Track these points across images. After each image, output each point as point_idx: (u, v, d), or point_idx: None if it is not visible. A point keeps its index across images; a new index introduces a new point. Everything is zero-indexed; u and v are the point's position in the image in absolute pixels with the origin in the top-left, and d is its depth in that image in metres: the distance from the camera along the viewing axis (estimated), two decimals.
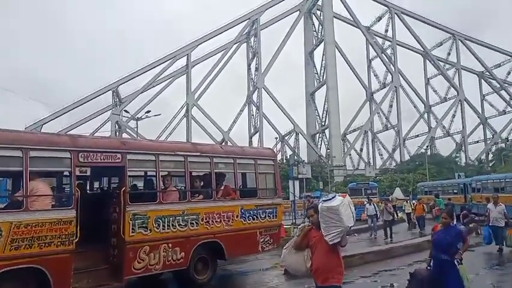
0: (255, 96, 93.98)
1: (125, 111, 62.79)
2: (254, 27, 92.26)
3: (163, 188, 8.35)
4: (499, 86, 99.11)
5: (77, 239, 6.76)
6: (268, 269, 11.69)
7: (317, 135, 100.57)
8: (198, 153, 8.93)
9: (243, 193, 9.76)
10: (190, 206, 8.44)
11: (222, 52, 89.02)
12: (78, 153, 7.11)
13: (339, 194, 5.00)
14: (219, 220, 8.83)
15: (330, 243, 4.60)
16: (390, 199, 36.90)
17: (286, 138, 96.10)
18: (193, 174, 9.13)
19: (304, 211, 32.88)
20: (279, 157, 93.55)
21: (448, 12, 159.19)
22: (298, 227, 4.96)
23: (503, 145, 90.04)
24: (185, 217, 8.29)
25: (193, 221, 8.42)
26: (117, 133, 73.63)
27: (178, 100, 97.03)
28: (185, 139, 75.74)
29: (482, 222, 19.55)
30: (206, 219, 8.62)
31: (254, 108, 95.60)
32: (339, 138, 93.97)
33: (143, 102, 79.91)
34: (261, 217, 9.70)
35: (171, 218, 8.06)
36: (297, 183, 44.86)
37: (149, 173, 9.17)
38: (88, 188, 9.72)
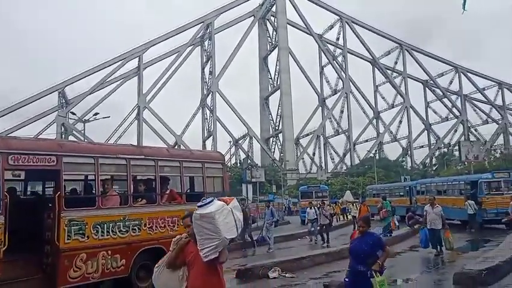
0: (208, 100, 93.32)
1: (72, 113, 60.26)
2: (208, 30, 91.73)
3: (102, 192, 7.91)
4: (442, 94, 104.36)
5: (5, 247, 6.31)
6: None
7: (271, 139, 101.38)
8: (142, 156, 8.65)
9: (190, 197, 9.52)
10: (132, 211, 8.11)
11: (176, 55, 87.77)
12: (8, 155, 6.65)
13: (225, 197, 4.20)
14: (163, 225, 8.54)
15: (205, 259, 3.72)
16: (338, 202, 37.79)
17: (240, 142, 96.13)
18: (136, 178, 8.79)
19: (260, 214, 32.97)
20: (233, 161, 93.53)
21: (395, 23, 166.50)
22: (173, 239, 4.20)
23: (445, 150, 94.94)
24: (126, 223, 7.94)
25: (135, 227, 8.08)
26: (63, 136, 70.44)
27: (129, 103, 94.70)
28: (137, 142, 73.68)
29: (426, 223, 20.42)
30: (149, 224, 8.31)
31: (208, 112, 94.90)
32: (292, 142, 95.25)
33: (91, 104, 77.35)
34: None
35: (111, 224, 7.70)
36: (250, 186, 44.99)
37: (89, 177, 8.70)
38: (21, 192, 9.08)
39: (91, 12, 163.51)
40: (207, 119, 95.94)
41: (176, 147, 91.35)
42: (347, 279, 5.51)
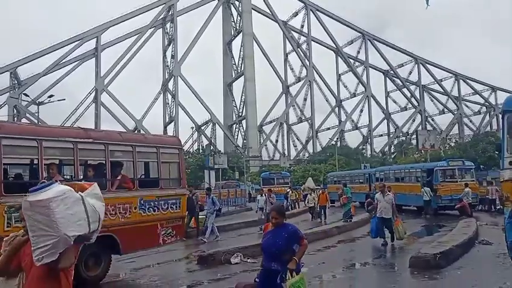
0: (170, 85, 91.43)
1: (25, 94, 57.35)
2: (170, 12, 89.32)
3: (46, 177, 7.30)
4: (401, 84, 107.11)
5: None
6: (182, 259, 11.53)
7: (234, 125, 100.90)
8: (90, 140, 8.07)
9: (144, 183, 9.24)
10: None
11: (136, 36, 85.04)
12: None
13: (82, 183, 3.29)
14: (113, 212, 8.10)
15: (37, 263, 2.75)
16: (298, 189, 38.01)
17: (202, 128, 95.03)
18: (85, 162, 8.33)
19: (220, 201, 32.67)
20: (195, 147, 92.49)
21: (358, 12, 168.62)
22: (5, 238, 3.29)
23: (403, 138, 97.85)
24: None
25: None
26: (15, 118, 67.02)
27: (86, 85, 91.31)
28: (94, 127, 71.25)
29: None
30: None
31: (170, 97, 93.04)
32: (256, 129, 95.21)
33: (46, 86, 73.82)
34: (162, 208, 9.19)
35: None
36: (213, 173, 44.47)
37: (34, 161, 8.10)
38: None
39: None
40: (168, 104, 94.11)
41: (136, 132, 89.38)
42: (257, 280, 4.67)
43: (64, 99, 42.99)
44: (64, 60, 79.86)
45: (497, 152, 7.49)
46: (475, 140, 64.14)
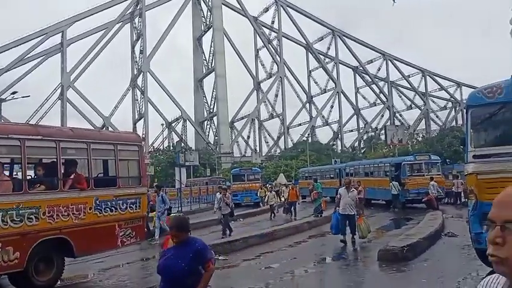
0: (139, 80, 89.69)
1: None
2: (139, 7, 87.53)
3: None
4: (370, 80, 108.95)
5: None
6: (152, 259, 11.28)
7: (205, 122, 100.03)
8: (39, 137, 7.56)
9: (100, 182, 8.84)
10: (27, 198, 7.07)
11: (103, 31, 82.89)
12: None
13: None
14: (66, 213, 7.62)
15: None
16: (267, 185, 37.89)
17: (173, 125, 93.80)
18: (34, 160, 7.88)
19: (191, 198, 32.13)
20: (165, 144, 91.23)
21: (328, 8, 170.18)
22: None
23: (373, 134, 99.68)
24: (20, 211, 6.89)
25: (32, 216, 7.06)
26: None
27: (51, 81, 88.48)
28: (60, 124, 69.05)
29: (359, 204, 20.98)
30: (49, 212, 7.34)
31: (139, 93, 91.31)
32: (227, 125, 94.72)
33: (8, 82, 70.98)
34: (121, 208, 8.79)
35: (1, 213, 6.63)
36: (184, 170, 43.81)
37: None
38: None
39: None
40: (137, 100, 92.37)
41: (104, 129, 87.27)
42: None
43: (28, 96, 41.35)
44: (28, 56, 77.20)
45: (462, 146, 7.67)
46: (441, 134, 65.82)
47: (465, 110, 6.97)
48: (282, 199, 25.01)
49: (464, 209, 16.31)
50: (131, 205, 9.03)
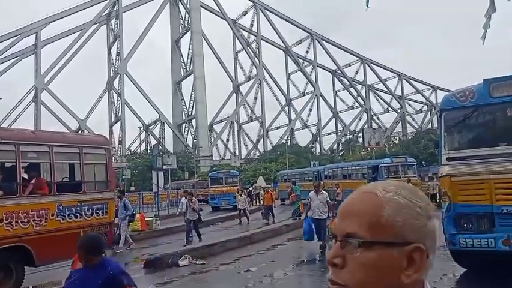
0: (116, 83, 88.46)
1: None
2: (115, 8, 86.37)
3: None
4: (348, 83, 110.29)
5: None
6: (128, 263, 11.07)
7: (184, 125, 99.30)
8: None
9: (63, 187, 8.43)
10: None
11: (79, 32, 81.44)
12: None
13: None
14: (26, 220, 7.29)
15: None
16: (254, 186, 37.75)
17: (151, 127, 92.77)
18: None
19: (168, 202, 31.72)
20: (143, 147, 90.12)
21: (307, 12, 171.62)
22: None
23: (351, 136, 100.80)
24: None
25: None
26: None
27: (25, 83, 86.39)
28: (34, 127, 67.40)
29: (333, 206, 21.09)
30: (7, 219, 7.01)
31: (115, 95, 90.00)
32: (206, 128, 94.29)
33: None
34: (86, 214, 8.44)
35: None
36: (161, 174, 43.23)
37: None
38: None
39: None
40: (114, 102, 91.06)
41: (79, 132, 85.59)
42: None
43: (1, 98, 40.34)
44: (1, 57, 75.15)
45: (436, 149, 7.71)
46: (417, 137, 67.09)
47: (439, 114, 7.07)
48: (262, 202, 25.01)
49: (439, 210, 16.57)
50: (98, 211, 8.68)
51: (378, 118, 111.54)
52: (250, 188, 35.20)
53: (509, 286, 6.11)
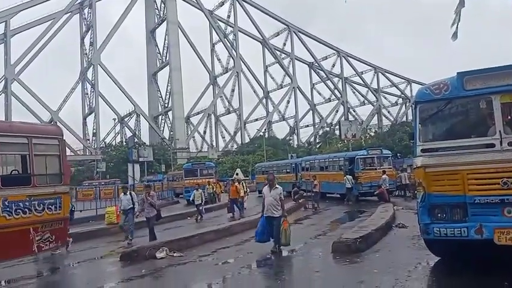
0: (89, 74, 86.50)
1: None
2: None
3: None
4: (325, 76, 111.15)
5: None
6: (104, 257, 11.04)
7: (160, 117, 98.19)
8: None
9: (9, 181, 7.90)
10: None
11: (50, 22, 79.10)
12: None
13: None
14: None
15: None
16: (227, 180, 37.44)
17: (126, 119, 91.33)
18: None
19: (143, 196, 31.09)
20: (118, 140, 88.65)
21: (284, 4, 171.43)
22: None
23: (328, 129, 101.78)
24: None
25: None
26: None
27: None
28: (5, 118, 65.34)
29: (310, 197, 21.30)
30: None
31: (89, 87, 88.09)
32: (183, 120, 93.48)
33: None
34: (36, 210, 7.92)
35: None
36: (137, 166, 42.71)
37: None
38: None
39: None
40: (87, 94, 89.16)
41: (52, 123, 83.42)
42: None
43: None
44: None
45: (411, 141, 7.87)
46: (393, 129, 68.34)
47: (413, 106, 7.18)
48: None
49: (413, 201, 16.93)
50: (50, 206, 8.16)
51: (354, 111, 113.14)
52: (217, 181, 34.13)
53: (479, 272, 6.33)
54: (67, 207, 9.03)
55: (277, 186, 9.67)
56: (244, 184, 22.03)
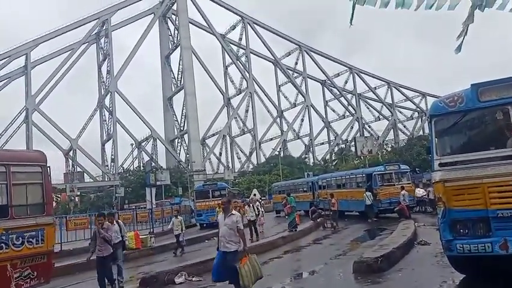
0: (107, 101, 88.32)
1: None
2: (105, 27, 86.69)
3: None
4: (338, 93, 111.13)
5: None
6: (124, 283, 10.68)
7: (176, 140, 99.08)
8: None
9: None
10: None
11: (68, 52, 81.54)
12: None
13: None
14: None
15: None
16: (249, 199, 37.23)
17: (143, 144, 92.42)
18: None
19: (162, 218, 30.92)
20: (136, 164, 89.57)
21: (294, 23, 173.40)
22: None
23: (343, 146, 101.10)
24: None
25: None
26: None
27: (16, 104, 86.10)
28: (26, 147, 66.83)
29: (328, 216, 21.02)
30: None
31: (107, 114, 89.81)
32: (199, 142, 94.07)
33: None
34: (14, 244, 7.27)
35: None
36: (154, 190, 42.78)
37: None
38: None
39: None
40: (105, 120, 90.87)
41: (71, 152, 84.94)
42: None
43: None
44: None
45: (429, 155, 7.70)
46: (410, 144, 67.34)
47: (428, 120, 7.10)
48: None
49: (436, 216, 16.56)
50: (31, 239, 7.51)
51: (369, 126, 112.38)
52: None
53: None
54: (51, 240, 8.17)
55: (233, 212, 7.48)
56: (258, 206, 20.53)
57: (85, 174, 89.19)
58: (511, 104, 6.00)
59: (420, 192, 23.22)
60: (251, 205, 19.29)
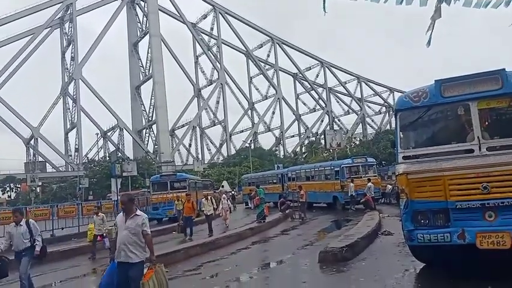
0: (71, 88, 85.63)
1: None
2: (69, 12, 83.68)
3: None
4: (309, 86, 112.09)
5: None
6: (88, 275, 10.89)
7: (144, 130, 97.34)
8: None
9: None
10: None
11: (30, 37, 78.34)
12: None
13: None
14: None
15: None
16: (219, 191, 37.19)
17: (109, 134, 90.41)
18: None
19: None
20: (101, 154, 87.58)
21: (266, 16, 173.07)
22: None
23: (313, 139, 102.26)
24: None
25: None
26: None
27: None
28: None
29: (296, 207, 21.28)
30: None
31: (70, 102, 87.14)
32: (167, 133, 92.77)
33: None
34: None
35: None
36: (119, 181, 41.82)
37: None
38: None
39: None
40: (69, 109, 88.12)
41: (32, 140, 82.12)
42: None
43: None
44: None
45: (394, 149, 7.90)
46: (377, 138, 68.93)
47: (394, 114, 7.26)
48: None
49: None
50: None
51: (339, 120, 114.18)
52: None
53: (464, 277, 6.35)
54: None
55: (138, 213, 5.75)
56: (213, 200, 18.49)
57: (47, 164, 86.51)
58: (472, 100, 6.20)
59: (389, 188, 24.01)
60: (209, 198, 17.87)
